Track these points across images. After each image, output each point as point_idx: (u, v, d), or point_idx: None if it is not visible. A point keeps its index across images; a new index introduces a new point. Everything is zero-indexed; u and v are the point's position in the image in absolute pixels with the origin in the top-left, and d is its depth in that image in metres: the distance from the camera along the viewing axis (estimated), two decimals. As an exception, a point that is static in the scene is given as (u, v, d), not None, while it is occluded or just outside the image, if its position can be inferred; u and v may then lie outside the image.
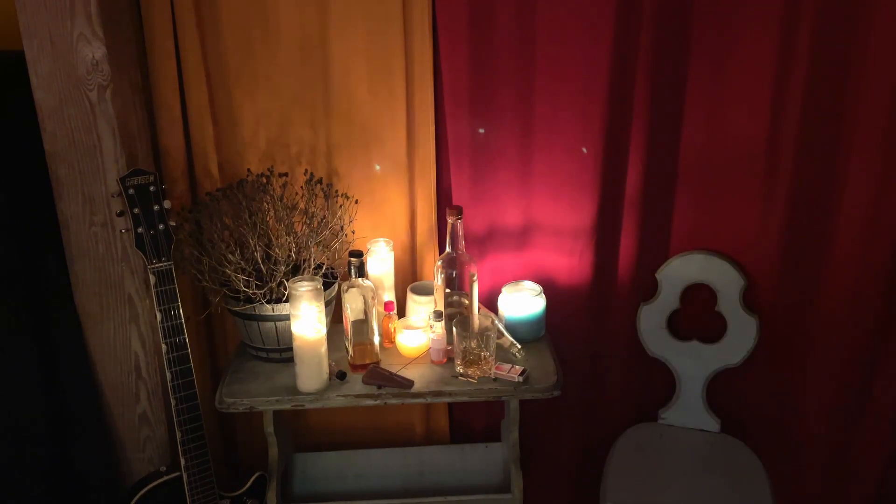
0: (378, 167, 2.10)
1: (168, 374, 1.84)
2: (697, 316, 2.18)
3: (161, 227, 1.81)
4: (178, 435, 1.87)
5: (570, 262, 2.14)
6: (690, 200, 2.10)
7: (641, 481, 2.04)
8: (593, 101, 1.98)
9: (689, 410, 2.21)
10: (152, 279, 1.80)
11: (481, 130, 2.05)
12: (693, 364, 2.18)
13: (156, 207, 1.80)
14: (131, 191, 1.77)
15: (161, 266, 1.81)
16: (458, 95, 2.01)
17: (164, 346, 1.82)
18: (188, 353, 1.84)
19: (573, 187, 2.07)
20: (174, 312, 1.82)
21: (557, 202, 2.10)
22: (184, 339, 1.84)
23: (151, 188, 1.79)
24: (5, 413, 1.83)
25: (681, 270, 2.14)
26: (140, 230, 1.78)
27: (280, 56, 1.99)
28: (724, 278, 2.11)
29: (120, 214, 1.80)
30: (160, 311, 1.81)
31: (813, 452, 2.21)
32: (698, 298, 2.16)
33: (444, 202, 2.13)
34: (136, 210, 1.78)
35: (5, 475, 1.85)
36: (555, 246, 2.14)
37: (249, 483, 2.05)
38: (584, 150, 2.03)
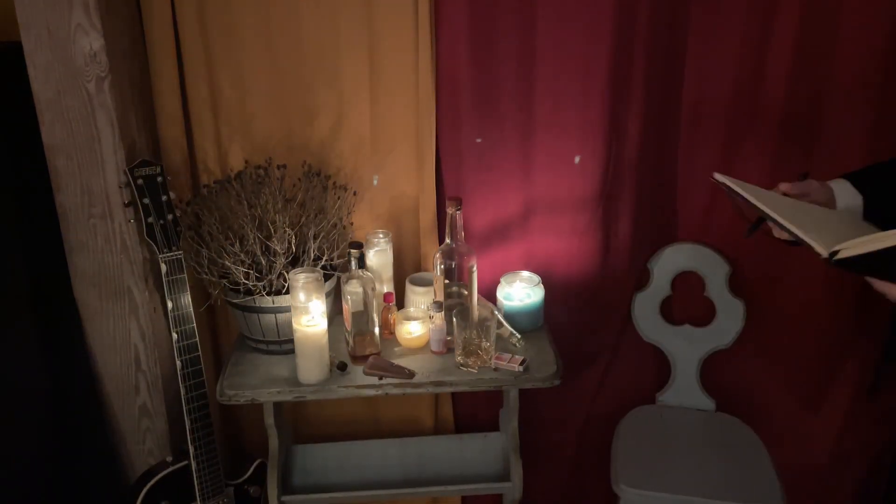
0: (376, 179, 2.11)
1: (178, 363, 1.85)
2: (688, 302, 2.26)
3: (170, 216, 1.82)
4: (188, 423, 1.88)
5: (569, 252, 2.17)
6: (678, 198, 2.19)
7: (649, 461, 2.09)
8: (591, 105, 2.02)
9: (685, 392, 2.28)
10: (163, 268, 1.82)
11: (478, 140, 2.07)
12: (686, 347, 2.26)
13: (164, 198, 1.81)
14: (140, 181, 1.78)
15: (172, 255, 1.82)
16: (456, 80, 2.02)
17: (174, 335, 1.84)
18: (197, 341, 1.86)
19: (572, 184, 2.10)
20: (184, 301, 1.84)
21: (556, 197, 2.12)
22: (193, 327, 1.86)
23: (159, 178, 1.80)
24: (6, 406, 1.83)
25: (671, 259, 2.23)
26: (150, 220, 1.80)
27: (281, 49, 1.98)
28: (710, 265, 2.20)
29: (128, 205, 1.80)
30: (171, 299, 1.82)
31: (807, 427, 2.30)
32: (688, 285, 2.24)
33: (444, 193, 2.13)
34: (145, 200, 1.79)
35: (6, 467, 1.84)
36: (554, 236, 2.16)
37: (251, 471, 2.07)
38: (577, 159, 2.07)
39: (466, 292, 1.98)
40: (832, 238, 1.30)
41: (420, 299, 2.05)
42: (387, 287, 2.07)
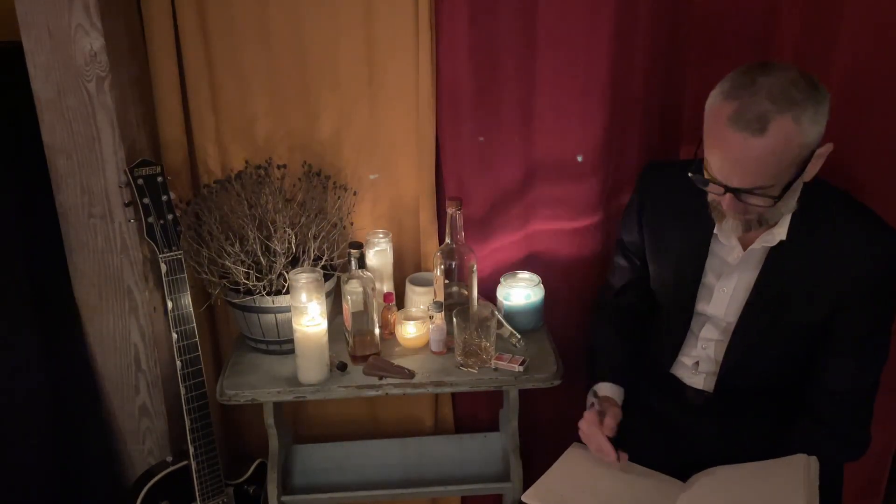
0: (373, 176, 2.11)
1: (178, 363, 1.85)
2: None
3: (170, 216, 1.82)
4: (188, 423, 1.88)
5: (570, 252, 2.16)
6: None
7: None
8: (593, 106, 2.01)
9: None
10: (163, 268, 1.82)
11: (481, 139, 2.06)
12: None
13: (164, 198, 1.81)
14: (140, 181, 1.78)
15: (172, 255, 1.82)
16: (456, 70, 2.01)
17: (174, 335, 1.84)
18: (197, 341, 1.86)
19: (572, 185, 2.09)
20: (184, 301, 1.84)
21: (557, 197, 2.11)
22: (193, 327, 1.86)
23: (159, 178, 1.81)
24: (6, 405, 1.83)
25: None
26: (150, 220, 1.80)
27: (282, 49, 1.98)
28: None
29: (128, 205, 1.80)
30: (171, 299, 1.82)
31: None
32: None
33: (444, 193, 2.13)
34: (145, 200, 1.79)
35: (6, 467, 1.84)
36: (554, 236, 2.16)
37: (251, 471, 2.07)
38: (580, 158, 2.06)
39: (466, 292, 1.98)
40: None
41: (420, 299, 2.05)
42: (387, 287, 2.07)
